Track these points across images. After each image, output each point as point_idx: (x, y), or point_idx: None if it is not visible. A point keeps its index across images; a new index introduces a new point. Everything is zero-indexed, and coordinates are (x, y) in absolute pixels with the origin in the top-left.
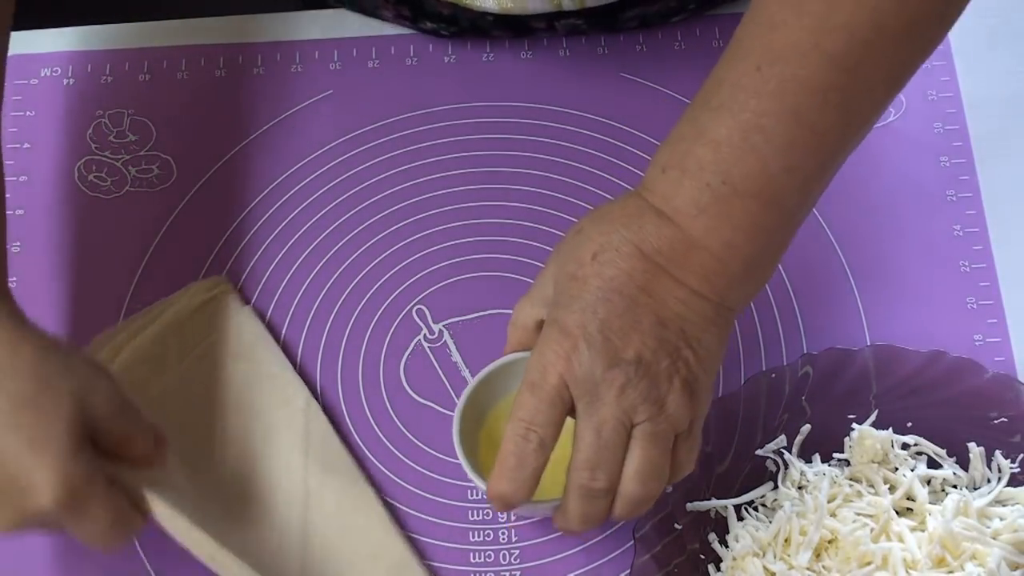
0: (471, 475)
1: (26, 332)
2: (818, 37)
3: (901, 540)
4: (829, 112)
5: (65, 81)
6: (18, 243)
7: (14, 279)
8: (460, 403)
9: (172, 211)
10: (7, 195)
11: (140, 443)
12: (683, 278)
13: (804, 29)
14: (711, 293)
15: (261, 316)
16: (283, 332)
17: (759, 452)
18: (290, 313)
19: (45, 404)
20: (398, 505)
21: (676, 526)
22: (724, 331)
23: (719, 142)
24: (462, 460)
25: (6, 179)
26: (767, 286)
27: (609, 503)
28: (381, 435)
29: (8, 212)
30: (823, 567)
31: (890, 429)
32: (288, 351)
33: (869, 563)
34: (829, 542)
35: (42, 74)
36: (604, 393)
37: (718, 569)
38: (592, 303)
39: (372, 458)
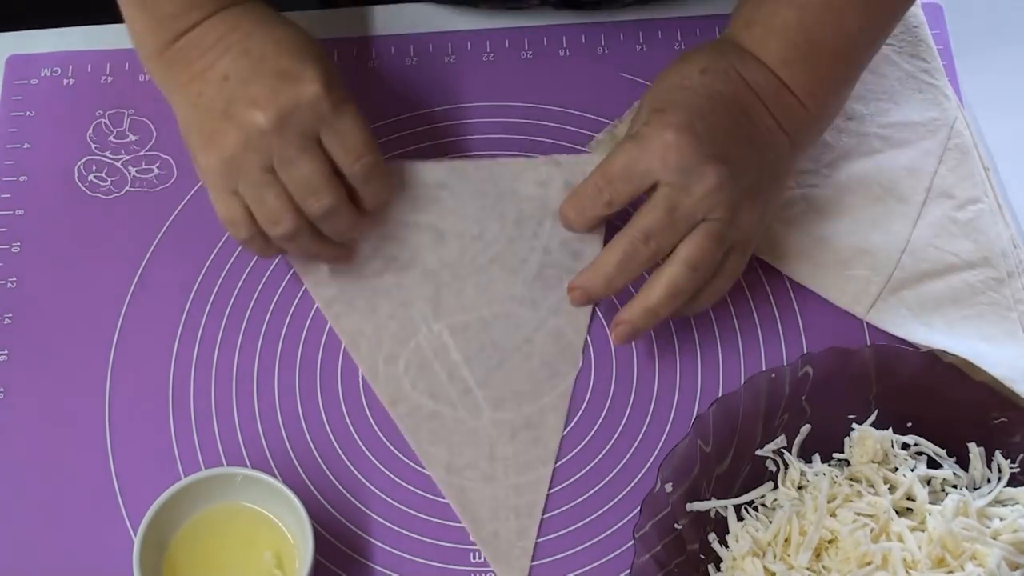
0: None
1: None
2: None
3: (901, 540)
4: None
5: (65, 81)
6: (18, 243)
7: (14, 279)
8: (140, 532)
9: (172, 211)
10: (6, 195)
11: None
12: (776, 114)
13: None
14: (791, 131)
15: (262, 316)
16: (284, 329)
17: (759, 452)
18: (290, 313)
19: (307, 45)
20: (397, 501)
21: (676, 526)
22: (791, 169)
23: (802, 4)
24: None
25: (6, 179)
26: (767, 286)
27: (638, 273)
28: (381, 435)
29: (8, 212)
30: (823, 567)
31: (890, 429)
32: (289, 345)
33: (869, 563)
34: (829, 542)
35: (42, 74)
36: (692, 186)
37: (718, 569)
38: (700, 107)
39: (369, 455)
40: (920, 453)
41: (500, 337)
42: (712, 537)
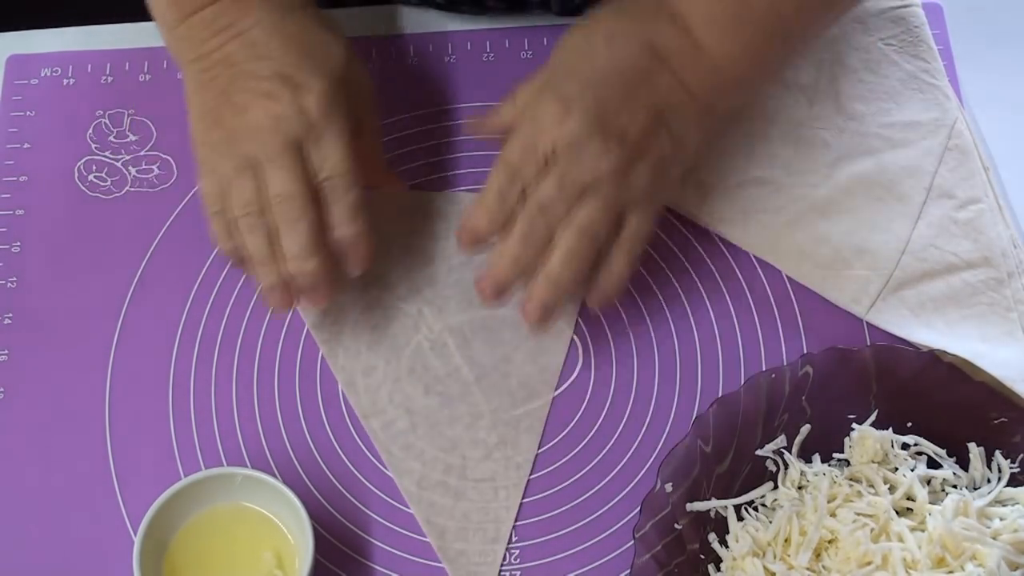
0: None
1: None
2: None
3: (901, 540)
4: None
5: (65, 81)
6: (18, 243)
7: (14, 279)
8: (140, 532)
9: (172, 211)
10: (6, 195)
11: (376, 158)
12: (683, 77)
13: None
14: (703, 95)
15: (262, 316)
16: (284, 329)
17: (759, 452)
18: (290, 313)
19: (318, 49)
20: (397, 501)
21: (676, 526)
22: (706, 132)
23: None
24: None
25: (6, 179)
26: (767, 286)
27: (540, 248)
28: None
29: (8, 212)
30: (823, 567)
31: (890, 429)
32: (289, 345)
33: (869, 563)
34: (829, 542)
35: (42, 74)
36: (584, 157)
37: (718, 569)
38: (594, 78)
39: (368, 453)
40: (920, 453)
41: (479, 354)
42: (712, 537)
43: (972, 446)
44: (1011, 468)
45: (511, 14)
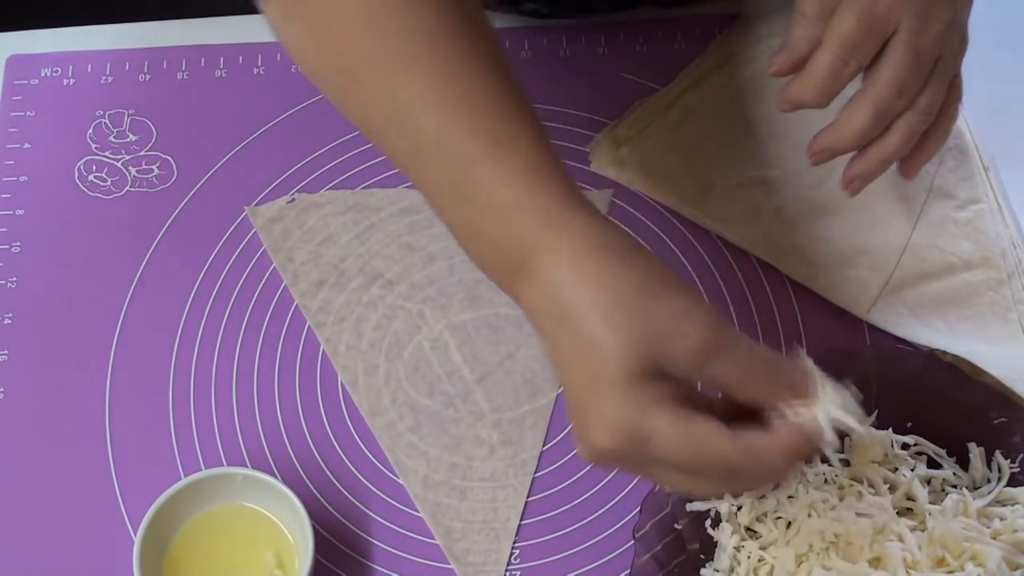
0: None
1: (613, 258)
2: None
3: (901, 540)
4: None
5: (65, 81)
6: (18, 243)
7: (14, 279)
8: (140, 532)
9: (172, 211)
10: (6, 195)
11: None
12: None
13: None
14: None
15: (262, 316)
16: (284, 329)
17: None
18: (290, 312)
19: (606, 342)
20: (397, 502)
21: (676, 526)
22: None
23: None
24: None
25: (6, 179)
26: (767, 286)
27: (886, 126)
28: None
29: (8, 212)
30: (823, 567)
31: (890, 429)
32: (289, 345)
33: (869, 563)
34: (830, 542)
35: (42, 74)
36: (931, 26)
37: (717, 569)
38: None
39: (368, 453)
40: (920, 453)
41: (483, 352)
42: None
43: (972, 446)
44: (1011, 468)
45: (510, 12)
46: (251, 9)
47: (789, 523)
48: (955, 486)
